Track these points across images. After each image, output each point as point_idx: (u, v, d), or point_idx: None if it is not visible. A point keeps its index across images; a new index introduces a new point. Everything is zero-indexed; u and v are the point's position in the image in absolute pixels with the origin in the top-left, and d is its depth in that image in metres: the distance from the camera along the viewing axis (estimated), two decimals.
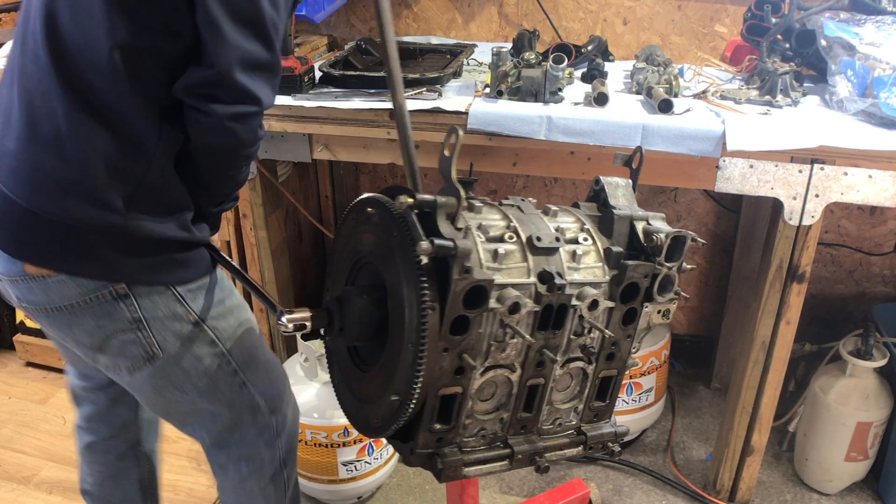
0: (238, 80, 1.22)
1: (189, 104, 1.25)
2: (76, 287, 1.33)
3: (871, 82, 1.84)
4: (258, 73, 1.25)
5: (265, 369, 1.60)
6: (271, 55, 1.27)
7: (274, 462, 1.66)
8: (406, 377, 1.07)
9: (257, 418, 1.60)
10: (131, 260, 1.33)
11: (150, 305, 1.38)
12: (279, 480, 1.68)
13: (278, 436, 1.64)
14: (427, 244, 0.99)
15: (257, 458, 1.63)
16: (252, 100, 1.26)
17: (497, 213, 1.18)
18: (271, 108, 1.35)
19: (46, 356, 2.98)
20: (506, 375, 1.16)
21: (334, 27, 2.81)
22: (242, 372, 1.54)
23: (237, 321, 1.53)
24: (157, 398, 1.53)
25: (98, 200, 1.27)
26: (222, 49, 1.20)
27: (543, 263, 1.13)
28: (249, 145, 1.33)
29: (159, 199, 1.32)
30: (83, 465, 1.84)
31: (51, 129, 1.26)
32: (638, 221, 1.23)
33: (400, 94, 1.29)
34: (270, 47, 1.26)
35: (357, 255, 1.24)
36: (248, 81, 1.24)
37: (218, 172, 1.37)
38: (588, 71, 2.16)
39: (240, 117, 1.26)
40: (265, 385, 1.59)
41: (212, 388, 1.52)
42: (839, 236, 2.68)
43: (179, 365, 1.46)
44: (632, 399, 2.48)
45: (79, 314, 1.36)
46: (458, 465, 1.16)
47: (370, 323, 1.17)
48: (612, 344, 1.24)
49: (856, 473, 2.36)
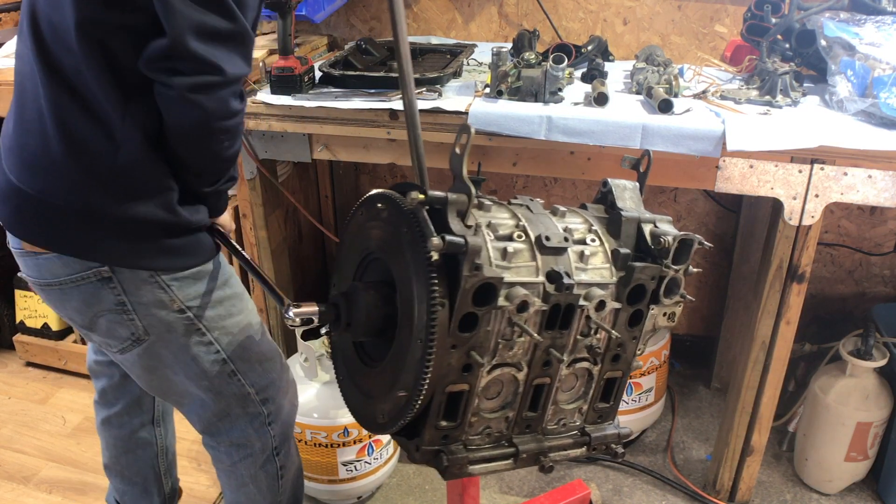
0: (192, 49, 1.20)
1: (153, 78, 1.25)
2: (63, 266, 1.37)
3: (870, 82, 1.84)
4: (217, 41, 1.22)
5: (259, 360, 1.60)
6: (232, 24, 1.23)
7: (266, 450, 1.67)
8: (414, 373, 1.07)
9: (248, 408, 1.61)
10: (111, 242, 1.35)
11: (133, 290, 1.40)
12: (270, 468, 1.69)
13: (270, 424, 1.65)
14: (438, 240, 0.99)
15: (247, 445, 1.65)
16: (213, 69, 1.23)
17: (506, 211, 1.18)
18: (245, 77, 1.31)
19: (46, 356, 2.97)
20: (512, 374, 1.16)
21: (334, 27, 2.81)
22: (233, 362, 1.55)
23: (230, 312, 1.53)
24: (149, 377, 1.56)
25: (74, 180, 1.29)
26: (173, 19, 1.18)
27: (552, 263, 1.14)
28: (221, 118, 1.29)
29: (135, 180, 1.31)
30: (101, 440, 1.91)
31: (35, 108, 1.31)
32: (645, 224, 1.24)
33: (411, 92, 1.29)
34: (230, 16, 1.22)
35: (366, 250, 1.24)
36: (205, 50, 1.21)
37: (197, 149, 1.34)
38: (588, 71, 2.16)
39: (201, 87, 1.23)
40: (258, 375, 1.60)
41: (200, 376, 1.53)
42: (839, 236, 2.69)
43: (168, 349, 1.48)
44: (632, 399, 2.48)
45: (67, 293, 1.41)
46: (463, 462, 1.17)
47: (377, 318, 1.17)
48: (618, 345, 1.24)
49: (856, 473, 2.37)
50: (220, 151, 1.35)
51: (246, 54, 1.30)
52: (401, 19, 1.27)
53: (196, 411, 1.62)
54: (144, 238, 1.36)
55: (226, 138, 1.34)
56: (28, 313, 2.95)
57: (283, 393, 1.67)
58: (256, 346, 1.59)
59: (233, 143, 1.37)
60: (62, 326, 2.93)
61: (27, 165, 1.33)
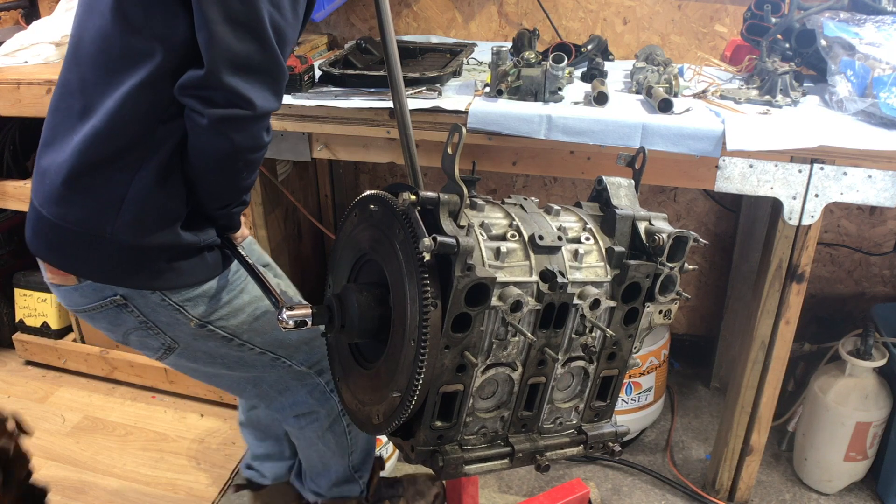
0: (226, 82, 1.20)
1: (185, 105, 1.26)
2: (82, 297, 1.42)
3: (870, 82, 1.84)
4: (251, 75, 1.23)
5: (299, 343, 1.63)
6: (267, 58, 1.24)
7: (332, 413, 1.73)
8: (407, 374, 1.07)
9: (304, 381, 1.68)
10: (115, 264, 1.36)
11: (150, 312, 1.43)
12: (338, 427, 1.76)
13: (332, 391, 1.70)
14: (430, 241, 0.99)
15: (311, 413, 1.72)
16: (245, 102, 1.23)
17: (499, 211, 1.18)
18: (274, 112, 1.32)
19: (46, 355, 2.97)
20: (507, 373, 1.16)
21: (334, 26, 2.81)
22: (272, 351, 1.59)
23: (252, 316, 1.54)
24: (196, 375, 1.65)
25: (88, 207, 1.32)
26: (212, 50, 1.19)
27: (545, 262, 1.13)
28: (248, 151, 1.30)
29: (144, 209, 1.32)
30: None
31: (61, 135, 1.33)
32: (640, 221, 1.24)
33: (401, 93, 1.30)
34: (268, 50, 1.23)
35: (359, 251, 1.24)
36: (238, 83, 1.21)
37: (217, 177, 1.34)
38: (588, 70, 2.16)
39: (231, 120, 1.24)
40: (305, 355, 1.65)
41: (244, 368, 1.60)
42: (839, 236, 2.69)
43: (203, 350, 1.53)
44: (631, 398, 2.48)
45: (95, 318, 1.47)
46: (458, 462, 1.17)
47: (371, 319, 1.17)
48: (614, 343, 1.24)
49: (855, 473, 2.36)
50: (238, 181, 1.37)
51: (278, 90, 1.30)
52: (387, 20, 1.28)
53: (252, 392, 1.68)
54: (149, 261, 1.37)
55: (246, 169, 1.35)
56: (27, 312, 2.95)
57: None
58: (294, 332, 1.60)
59: (251, 173, 1.38)
60: (62, 325, 2.94)
61: (43, 190, 1.35)
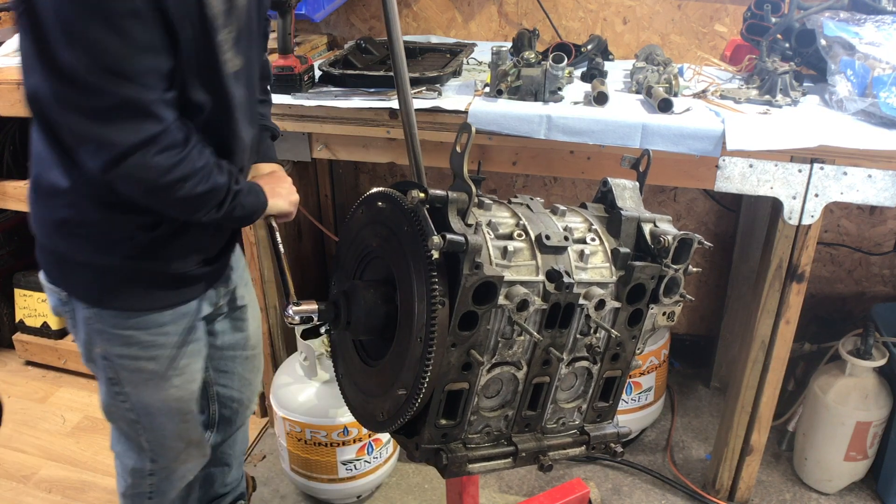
0: (80, 132, 1.17)
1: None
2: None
3: (870, 82, 1.84)
4: (99, 120, 1.15)
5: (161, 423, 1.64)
6: (104, 99, 1.13)
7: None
8: (414, 372, 1.07)
9: (141, 456, 1.69)
10: (74, 278, 1.44)
11: (80, 319, 1.49)
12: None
13: (151, 496, 1.74)
14: (438, 239, 0.99)
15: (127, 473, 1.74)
16: (108, 146, 1.16)
17: (506, 210, 1.19)
18: (153, 139, 1.19)
19: (46, 355, 2.97)
20: (512, 373, 1.17)
21: (334, 26, 2.81)
22: (136, 412, 1.60)
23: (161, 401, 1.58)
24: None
25: (45, 224, 1.41)
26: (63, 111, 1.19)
27: (552, 262, 1.14)
28: (157, 177, 1.21)
29: (91, 232, 1.36)
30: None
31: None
32: (645, 223, 1.24)
33: (407, 93, 1.30)
34: (98, 93, 1.13)
35: (365, 249, 1.24)
36: (90, 130, 1.16)
37: (160, 203, 1.30)
38: (588, 70, 2.16)
39: (109, 165, 1.18)
40: (158, 446, 1.66)
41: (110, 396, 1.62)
42: (839, 236, 2.69)
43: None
44: (631, 398, 2.48)
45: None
46: (462, 461, 1.17)
47: (378, 317, 1.17)
48: (618, 344, 1.25)
49: (855, 473, 2.37)
50: (185, 195, 1.26)
51: (137, 121, 1.17)
52: (394, 20, 1.27)
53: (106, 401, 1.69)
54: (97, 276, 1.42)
55: (180, 185, 1.24)
56: (27, 312, 2.95)
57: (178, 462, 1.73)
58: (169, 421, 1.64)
59: (196, 182, 1.26)
60: (62, 325, 2.93)
61: (30, 203, 1.42)
